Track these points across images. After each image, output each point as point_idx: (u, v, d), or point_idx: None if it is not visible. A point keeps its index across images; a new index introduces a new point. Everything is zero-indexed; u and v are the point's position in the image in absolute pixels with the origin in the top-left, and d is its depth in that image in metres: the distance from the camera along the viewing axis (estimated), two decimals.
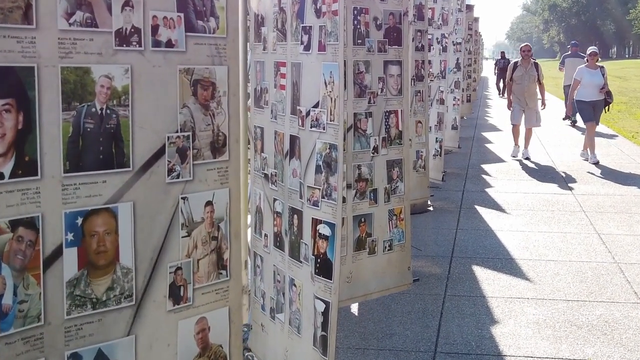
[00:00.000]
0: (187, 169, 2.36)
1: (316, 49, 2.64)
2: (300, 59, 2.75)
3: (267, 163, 3.09)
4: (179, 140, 2.34)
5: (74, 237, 2.19)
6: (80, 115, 2.16)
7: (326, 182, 2.58)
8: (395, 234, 4.23)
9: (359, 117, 3.99)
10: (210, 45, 2.37)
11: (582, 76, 11.78)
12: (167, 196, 2.32)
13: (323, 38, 2.59)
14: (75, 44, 2.10)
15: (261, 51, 3.13)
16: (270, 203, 3.06)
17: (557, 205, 8.75)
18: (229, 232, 2.45)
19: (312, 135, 2.66)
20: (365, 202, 4.06)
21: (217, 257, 2.46)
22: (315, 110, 2.63)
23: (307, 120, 2.69)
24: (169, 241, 2.34)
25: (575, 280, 5.88)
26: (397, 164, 4.21)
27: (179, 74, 2.33)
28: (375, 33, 4.03)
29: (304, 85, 2.73)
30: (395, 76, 4.16)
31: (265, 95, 3.09)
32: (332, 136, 2.55)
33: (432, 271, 6.19)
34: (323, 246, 2.59)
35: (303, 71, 2.73)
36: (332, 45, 2.55)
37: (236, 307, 2.47)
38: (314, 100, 2.65)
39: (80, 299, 2.21)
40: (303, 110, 2.72)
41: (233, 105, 2.49)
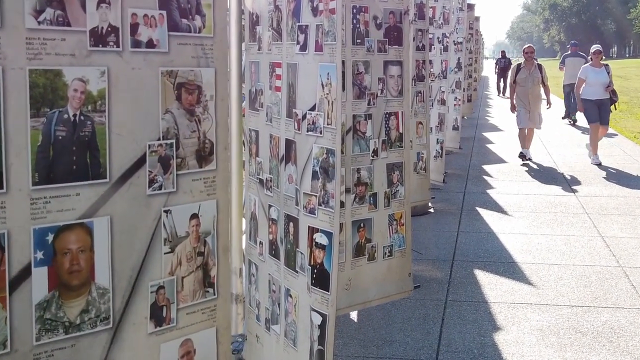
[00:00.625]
0: (170, 179, 2.20)
1: (313, 49, 2.52)
2: (296, 60, 2.62)
3: (262, 168, 2.96)
4: (161, 148, 2.17)
5: (44, 255, 2.01)
6: (50, 122, 1.99)
7: (323, 188, 2.46)
8: (395, 239, 4.11)
9: (358, 119, 3.87)
10: (195, 45, 2.21)
11: (587, 75, 11.58)
12: (148, 209, 2.15)
13: (320, 38, 2.47)
14: (45, 45, 1.92)
15: (256, 51, 3.00)
16: (265, 209, 2.94)
17: (560, 207, 8.63)
18: (217, 246, 2.30)
19: (308, 140, 2.53)
20: (365, 207, 3.93)
21: (204, 274, 2.30)
22: (311, 114, 2.51)
23: (303, 123, 2.57)
24: (150, 258, 2.17)
25: (579, 285, 5.76)
26: (398, 167, 4.08)
27: (161, 77, 2.17)
28: (375, 32, 3.91)
29: (300, 87, 2.61)
30: (395, 77, 4.04)
31: (260, 97, 2.97)
32: (329, 141, 2.43)
33: (433, 275, 6.07)
34: (320, 256, 2.47)
35: (299, 72, 2.60)
36: (329, 45, 2.42)
37: (224, 327, 2.32)
38: (311, 103, 2.53)
39: (51, 323, 2.03)
40: (299, 113, 2.60)
41: (221, 110, 2.32)
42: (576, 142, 14.64)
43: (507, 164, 12.08)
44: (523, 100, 11.63)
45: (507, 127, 17.72)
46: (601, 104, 11.50)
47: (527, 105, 11.60)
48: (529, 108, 11.63)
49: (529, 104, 11.59)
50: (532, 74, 11.55)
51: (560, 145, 14.07)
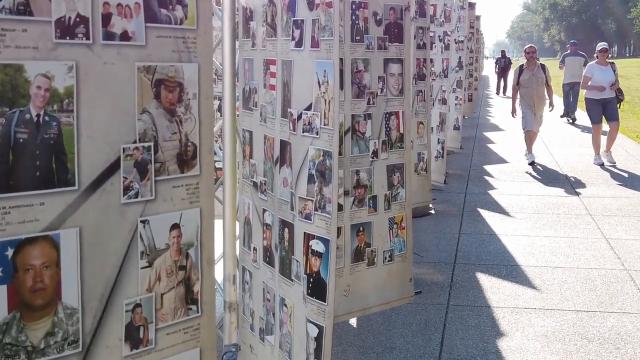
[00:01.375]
0: (147, 186, 2.00)
1: (309, 45, 2.38)
2: (291, 56, 2.48)
3: (256, 170, 2.82)
4: (137, 152, 1.97)
5: (3, 272, 1.81)
6: (10, 124, 1.78)
7: (319, 193, 2.32)
8: (395, 243, 3.96)
9: (358, 119, 3.72)
10: (176, 38, 2.03)
11: (593, 73, 11.31)
12: (122, 219, 1.95)
13: (316, 33, 2.33)
14: (3, 36, 1.71)
15: (250, 48, 2.86)
16: (259, 214, 2.80)
17: (563, 208, 8.49)
18: (200, 259, 2.13)
19: (304, 141, 2.39)
20: (364, 210, 3.79)
21: (186, 290, 2.12)
22: (307, 113, 2.37)
23: (298, 124, 2.42)
24: (125, 273, 1.96)
25: (584, 289, 5.62)
26: (398, 169, 3.94)
27: (138, 73, 1.97)
28: (374, 29, 3.77)
29: (295, 85, 2.46)
30: (396, 75, 3.89)
31: (254, 96, 2.82)
32: (326, 142, 2.29)
33: (435, 279, 5.93)
34: (316, 264, 2.33)
35: (294, 69, 2.46)
36: (326, 41, 2.28)
37: (209, 348, 2.15)
38: (306, 102, 2.38)
39: (11, 348, 1.82)
40: (294, 112, 2.46)
41: (205, 109, 2.14)
42: (577, 142, 14.50)
43: (509, 164, 11.94)
44: (528, 101, 11.32)
45: (508, 127, 17.59)
46: (606, 103, 11.24)
47: (533, 106, 11.30)
48: (535, 110, 11.34)
49: (534, 105, 11.29)
50: (536, 75, 11.28)
51: (562, 145, 13.93)
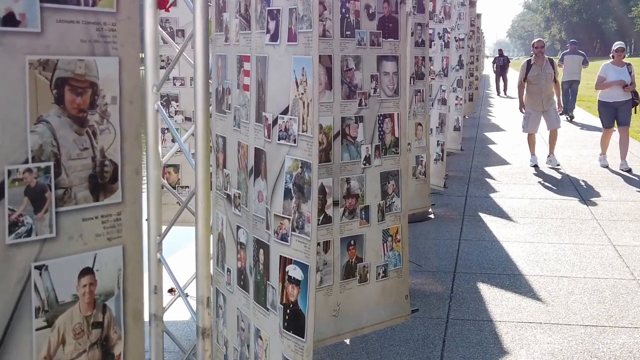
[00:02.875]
0: (45, 220, 1.51)
1: (285, 38, 2.05)
2: (266, 52, 2.16)
3: (229, 181, 2.49)
4: (29, 175, 1.48)
5: None
6: None
7: (297, 210, 1.99)
8: (390, 257, 3.63)
9: (348, 122, 3.39)
10: (87, 24, 1.56)
11: (607, 73, 10.70)
12: (8, 266, 1.45)
13: (294, 24, 2.00)
14: None
15: (223, 43, 2.53)
16: (233, 231, 2.47)
17: (567, 213, 8.17)
18: (124, 312, 1.73)
19: (280, 150, 2.07)
20: (355, 222, 3.46)
21: (103, 353, 1.71)
22: (283, 118, 2.04)
23: (273, 130, 2.10)
24: (11, 338, 1.47)
25: (592, 301, 5.29)
26: (393, 177, 3.61)
27: (30, 69, 1.49)
28: (367, 23, 3.44)
29: (270, 85, 2.14)
30: (390, 74, 3.56)
31: (228, 98, 2.50)
32: (304, 151, 1.96)
33: (434, 289, 5.61)
34: (293, 293, 2.00)
35: (269, 67, 2.14)
36: (304, 34, 1.96)
37: None
38: (283, 105, 2.06)
39: None
40: (269, 117, 2.13)
41: (129, 118, 1.71)
42: (581, 143, 14.17)
43: (510, 165, 11.62)
44: (536, 99, 10.78)
45: (509, 127, 17.28)
46: (620, 106, 10.62)
47: (541, 104, 10.75)
48: (542, 108, 10.79)
49: (542, 103, 10.75)
50: (545, 70, 10.70)
51: (565, 145, 13.57)
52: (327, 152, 3.29)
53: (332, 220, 3.35)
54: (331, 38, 3.28)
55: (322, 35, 3.23)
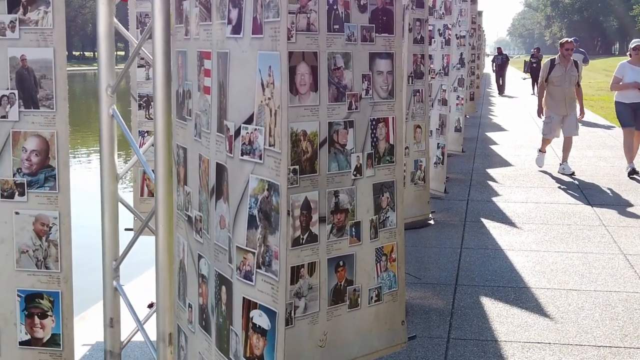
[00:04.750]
0: None
1: (249, 30, 1.67)
2: (227, 47, 1.77)
3: (190, 201, 2.11)
4: None
5: None
6: None
7: (263, 243, 1.61)
8: (384, 279, 3.24)
9: (336, 127, 3.00)
10: None
11: (624, 73, 9.99)
12: None
13: (259, 13, 1.61)
14: None
15: (183, 37, 2.14)
16: (194, 260, 2.09)
17: (574, 218, 7.78)
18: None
19: (243, 167, 1.68)
20: (345, 240, 3.07)
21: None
22: (247, 128, 1.66)
23: (236, 142, 1.71)
24: None
25: (604, 318, 4.91)
26: (388, 188, 3.22)
27: None
28: (357, 16, 3.05)
29: (232, 88, 1.75)
30: (384, 73, 3.17)
31: (188, 102, 2.11)
32: (271, 170, 1.57)
33: (433, 304, 5.22)
34: (259, 345, 1.62)
35: (231, 65, 1.75)
36: (270, 25, 1.57)
37: None
38: (247, 112, 1.67)
39: None
40: (231, 126, 1.74)
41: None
42: (585, 144, 13.78)
43: (513, 167, 11.24)
44: (558, 102, 10.07)
45: (511, 127, 16.93)
46: (638, 108, 9.96)
47: (563, 108, 10.07)
48: (564, 112, 10.09)
49: (565, 107, 10.07)
50: (569, 72, 9.97)
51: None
52: (312, 161, 2.90)
53: (318, 239, 2.96)
54: (316, 32, 2.89)
55: (306, 29, 2.84)
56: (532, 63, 27.25)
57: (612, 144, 13.80)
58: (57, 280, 2.64)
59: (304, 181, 2.88)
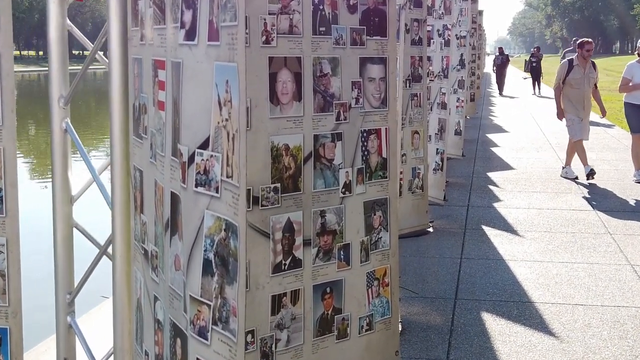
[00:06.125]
0: None
1: (205, 36, 1.37)
2: (180, 55, 1.48)
3: (146, 232, 1.82)
4: None
5: None
6: None
7: (220, 294, 1.32)
8: (376, 306, 2.95)
9: (322, 140, 2.71)
10: None
11: (634, 74, 9.53)
12: None
13: (216, 15, 1.32)
14: None
15: (139, 42, 1.85)
16: (150, 301, 1.80)
17: (578, 226, 7.49)
18: None
19: (198, 201, 1.40)
20: (332, 265, 2.78)
21: None
22: (202, 154, 1.37)
23: (189, 171, 1.42)
24: None
25: (612, 336, 4.62)
26: (380, 206, 2.93)
27: None
28: (346, 17, 2.76)
29: (185, 105, 1.46)
30: (376, 80, 2.88)
31: (144, 118, 1.82)
32: (229, 207, 1.29)
33: (432, 321, 4.93)
34: None
35: (184, 77, 1.46)
36: (228, 30, 1.28)
37: None
38: (202, 135, 1.39)
39: None
40: (184, 151, 1.45)
41: None
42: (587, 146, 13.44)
43: (514, 170, 10.96)
44: (577, 106, 9.65)
45: (512, 128, 16.66)
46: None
47: (582, 111, 9.67)
48: (582, 115, 9.71)
49: (583, 110, 9.66)
50: (588, 75, 9.57)
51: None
52: (295, 179, 2.61)
53: (303, 264, 2.67)
54: (300, 35, 2.59)
55: (288, 32, 2.55)
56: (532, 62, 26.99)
57: (615, 146, 13.53)
58: (5, 315, 2.35)
59: (287, 200, 2.59)
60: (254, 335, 2.42)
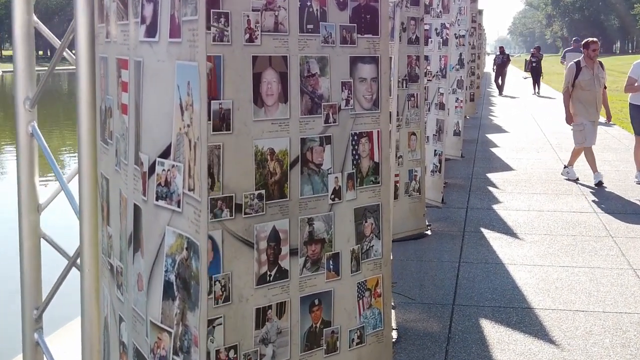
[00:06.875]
0: None
1: (167, 32, 1.23)
2: (140, 54, 1.34)
3: (112, 246, 1.67)
4: None
5: None
6: None
7: (181, 321, 1.17)
8: (368, 317, 2.81)
9: (310, 144, 2.57)
10: None
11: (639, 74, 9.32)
12: None
13: (177, 10, 1.18)
14: None
15: (104, 39, 1.71)
16: (116, 321, 1.65)
17: (579, 228, 7.35)
18: None
19: (158, 215, 1.26)
20: (321, 275, 2.64)
21: None
22: (163, 164, 1.23)
23: (150, 182, 1.28)
24: None
25: (614, 344, 4.48)
26: (372, 213, 2.79)
27: None
28: (336, 14, 2.62)
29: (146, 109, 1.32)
30: (368, 80, 2.74)
31: (110, 122, 1.68)
32: (191, 224, 1.15)
33: (428, 328, 4.79)
34: None
35: (144, 77, 1.32)
36: (189, 25, 1.14)
37: None
38: (163, 142, 1.24)
39: None
40: (145, 160, 1.31)
41: None
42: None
43: (514, 171, 10.82)
44: (589, 107, 9.33)
45: (512, 128, 16.51)
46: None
47: (594, 114, 9.40)
48: (595, 117, 9.43)
49: (595, 111, 9.39)
50: (598, 75, 9.28)
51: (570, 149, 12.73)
52: (281, 185, 2.47)
53: (289, 275, 2.53)
54: (286, 33, 2.45)
55: (273, 29, 2.41)
56: (532, 62, 26.84)
57: (616, 146, 13.39)
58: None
59: (272, 208, 2.44)
60: (236, 351, 2.27)
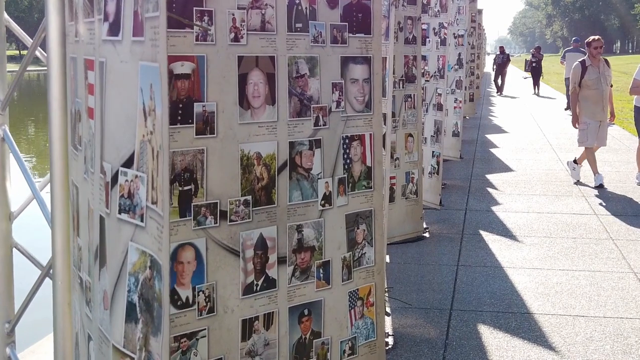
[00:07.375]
0: None
1: (130, 31, 1.13)
2: (104, 54, 1.24)
3: (81, 259, 1.57)
4: None
5: None
6: None
7: (144, 346, 1.07)
8: (360, 328, 2.71)
9: (299, 148, 2.47)
10: None
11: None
12: None
13: (141, 5, 1.08)
14: None
15: (74, 38, 1.61)
16: (85, 339, 1.55)
17: (579, 231, 7.25)
18: None
19: (121, 230, 1.15)
20: (310, 284, 2.54)
21: None
22: (126, 174, 1.12)
23: (112, 193, 1.18)
24: None
25: (615, 351, 4.38)
26: (364, 219, 2.69)
27: None
28: (326, 13, 2.52)
29: (109, 113, 1.22)
30: (360, 81, 2.64)
31: (79, 126, 1.57)
32: (154, 240, 1.04)
33: (425, 334, 4.69)
34: None
35: (107, 80, 1.22)
36: (151, 22, 1.04)
37: None
38: (126, 151, 1.14)
39: None
40: (107, 169, 1.21)
41: None
42: None
43: (514, 172, 10.71)
44: (596, 107, 9.11)
45: (512, 128, 16.41)
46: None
47: (601, 113, 9.15)
48: (602, 117, 9.18)
49: (602, 111, 9.14)
50: (604, 73, 9.06)
51: (571, 150, 12.64)
52: (268, 190, 2.37)
53: (277, 284, 2.43)
54: (274, 33, 2.35)
55: (260, 28, 2.31)
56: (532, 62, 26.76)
57: (617, 147, 13.29)
58: None
59: (259, 214, 2.35)
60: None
